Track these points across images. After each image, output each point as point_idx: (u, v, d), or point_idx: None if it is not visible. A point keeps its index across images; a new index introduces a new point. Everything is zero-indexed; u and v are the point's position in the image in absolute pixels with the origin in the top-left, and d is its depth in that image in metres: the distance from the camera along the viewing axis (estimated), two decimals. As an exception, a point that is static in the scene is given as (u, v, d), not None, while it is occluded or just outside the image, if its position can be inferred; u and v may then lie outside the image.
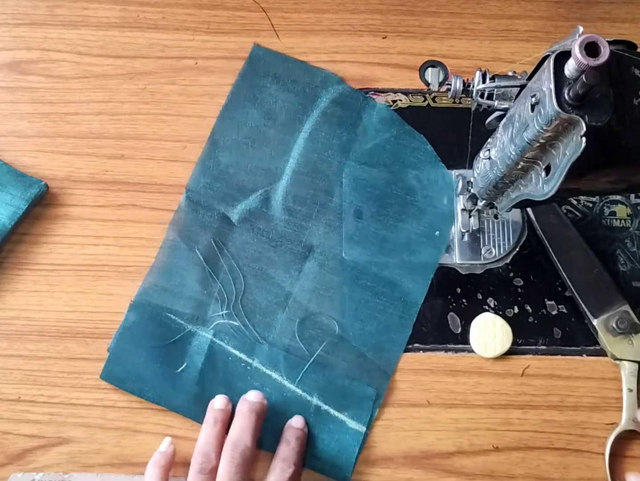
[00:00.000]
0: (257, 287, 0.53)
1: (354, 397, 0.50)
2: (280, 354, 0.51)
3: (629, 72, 0.34)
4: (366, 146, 0.56)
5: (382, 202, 0.55)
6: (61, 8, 0.60)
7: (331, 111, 0.57)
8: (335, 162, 0.56)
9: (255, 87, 0.57)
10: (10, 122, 0.57)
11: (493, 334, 0.52)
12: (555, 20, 0.61)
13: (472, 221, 0.53)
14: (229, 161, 0.56)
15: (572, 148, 0.34)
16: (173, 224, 0.54)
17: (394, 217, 0.55)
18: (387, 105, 0.57)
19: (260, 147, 0.56)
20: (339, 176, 0.55)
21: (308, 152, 0.56)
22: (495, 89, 0.43)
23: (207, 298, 0.53)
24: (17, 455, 0.50)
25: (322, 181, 0.55)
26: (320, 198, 0.55)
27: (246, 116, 0.57)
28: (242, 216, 0.54)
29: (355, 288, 0.53)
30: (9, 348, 0.52)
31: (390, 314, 0.53)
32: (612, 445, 0.49)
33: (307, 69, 0.58)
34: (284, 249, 0.54)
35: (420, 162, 0.56)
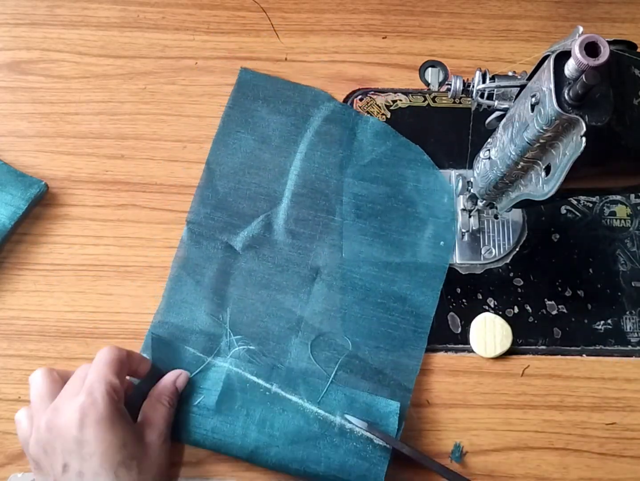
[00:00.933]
0: (267, 314, 0.52)
1: (378, 413, 0.49)
2: (298, 377, 0.50)
3: (629, 72, 0.34)
4: (363, 161, 0.56)
5: (384, 217, 0.55)
6: (61, 8, 0.60)
7: (325, 129, 0.57)
8: (334, 180, 0.55)
9: (246, 112, 0.57)
10: (10, 122, 0.57)
11: (493, 334, 0.52)
12: (555, 20, 0.61)
13: (472, 221, 0.53)
14: (227, 189, 0.55)
15: (572, 148, 0.34)
16: (177, 259, 0.53)
17: (397, 230, 0.54)
18: (379, 119, 0.57)
19: (257, 172, 0.56)
20: (338, 195, 0.55)
21: (305, 173, 0.55)
22: (495, 89, 0.43)
23: (218, 329, 0.52)
24: (17, 455, 0.50)
25: (323, 201, 0.55)
26: (322, 218, 0.54)
27: (240, 141, 0.56)
28: (246, 244, 0.54)
29: (366, 306, 0.52)
30: (9, 348, 0.52)
31: (403, 329, 0.52)
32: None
33: (296, 88, 0.58)
34: (291, 273, 0.53)
35: (418, 173, 0.56)
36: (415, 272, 0.53)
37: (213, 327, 0.52)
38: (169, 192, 0.56)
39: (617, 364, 0.52)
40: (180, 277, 0.53)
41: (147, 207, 0.55)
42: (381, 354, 0.51)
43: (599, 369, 0.52)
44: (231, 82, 0.58)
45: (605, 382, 0.52)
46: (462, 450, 0.50)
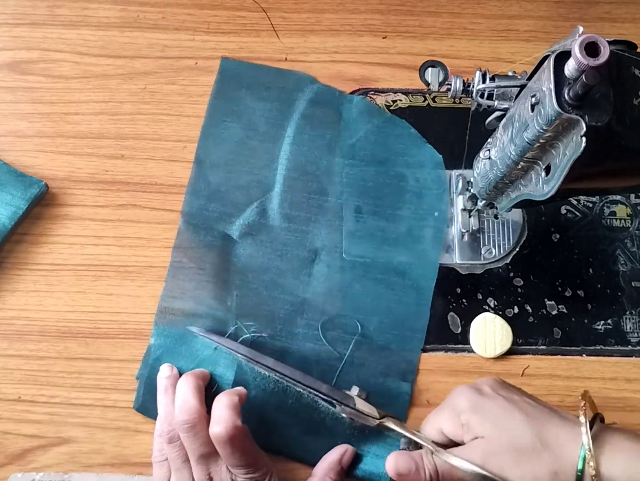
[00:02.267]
0: (271, 297, 0.53)
1: (390, 394, 0.50)
2: (310, 360, 0.51)
3: (629, 72, 0.34)
4: (351, 140, 0.56)
5: (377, 193, 0.55)
6: (61, 8, 0.60)
7: (310, 111, 0.57)
8: (324, 161, 0.56)
9: (231, 101, 0.57)
10: (10, 122, 0.57)
11: (493, 334, 0.52)
12: (555, 20, 0.61)
13: (472, 221, 0.53)
14: (218, 179, 0.55)
15: (572, 148, 0.34)
16: (177, 248, 0.54)
17: (392, 206, 0.55)
18: (363, 97, 0.57)
19: (247, 160, 0.56)
20: (330, 175, 0.55)
21: (295, 157, 0.56)
22: (495, 89, 0.43)
23: (225, 313, 0.52)
24: (17, 455, 0.50)
25: (315, 183, 0.55)
26: (315, 200, 0.55)
27: (227, 131, 0.56)
28: (243, 231, 0.54)
29: (367, 283, 0.53)
30: (9, 348, 0.52)
31: (406, 303, 0.53)
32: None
33: (278, 73, 0.58)
34: (290, 256, 0.54)
35: (406, 147, 0.56)
36: (413, 245, 0.54)
37: (220, 311, 0.52)
38: (169, 192, 0.56)
39: (617, 364, 0.52)
40: (181, 264, 0.53)
41: (147, 207, 0.55)
42: (385, 330, 0.52)
43: (599, 369, 0.52)
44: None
45: (606, 382, 0.52)
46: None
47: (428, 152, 0.56)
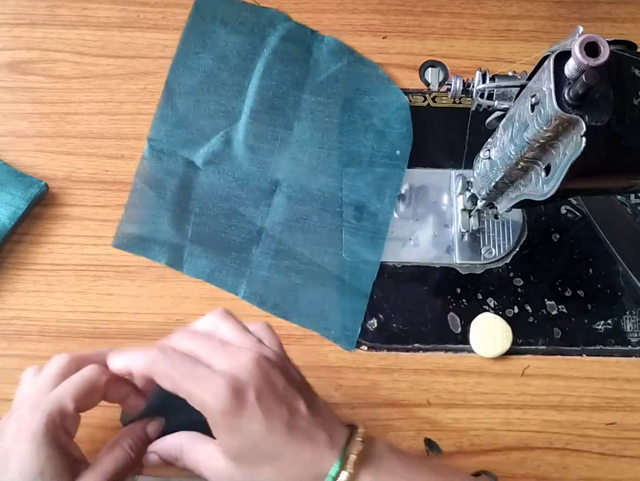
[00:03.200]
0: (229, 225, 0.54)
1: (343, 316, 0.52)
2: (261, 288, 0.53)
3: (629, 72, 0.34)
4: (319, 78, 0.58)
5: (341, 130, 0.56)
6: (61, 8, 0.60)
7: (281, 48, 0.58)
8: (291, 97, 0.57)
9: (204, 33, 0.59)
10: (10, 122, 0.57)
11: (493, 334, 0.52)
12: (555, 20, 0.61)
13: (472, 221, 0.54)
14: (186, 107, 0.57)
15: (572, 148, 0.34)
16: (139, 174, 0.55)
17: (355, 142, 0.56)
18: (334, 38, 0.58)
19: (216, 90, 0.57)
20: (296, 111, 0.57)
21: (263, 91, 0.57)
22: (495, 89, 0.43)
23: (181, 240, 0.54)
24: (17, 455, 0.49)
25: (280, 117, 0.57)
26: (280, 134, 0.56)
27: (198, 62, 0.58)
28: (206, 159, 0.55)
29: (325, 215, 0.54)
30: (9, 348, 0.52)
31: (362, 236, 0.54)
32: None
33: (253, 9, 0.59)
34: (251, 186, 0.55)
35: (373, 88, 0.57)
36: (373, 181, 0.55)
37: (176, 238, 0.54)
38: (169, 192, 0.56)
39: (617, 364, 0.52)
40: (142, 190, 0.55)
41: (147, 207, 0.55)
42: (340, 261, 0.53)
43: (599, 369, 0.52)
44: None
45: (605, 382, 0.52)
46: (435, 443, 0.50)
47: (394, 93, 0.57)
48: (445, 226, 0.55)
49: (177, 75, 0.58)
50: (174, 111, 0.56)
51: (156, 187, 0.55)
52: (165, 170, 0.55)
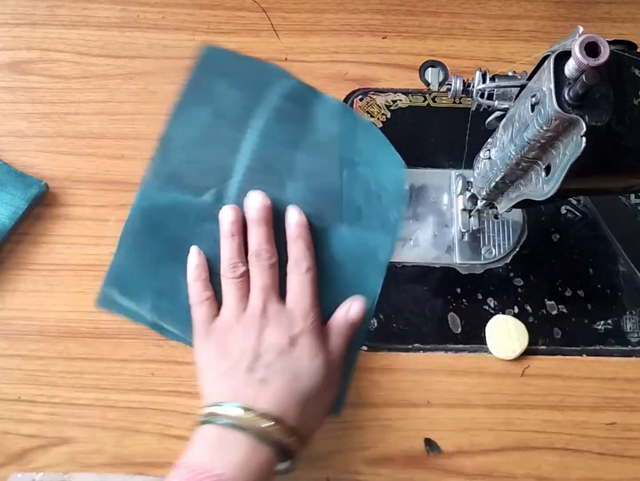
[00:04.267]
0: (216, 283, 0.50)
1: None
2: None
3: (629, 72, 0.34)
4: (317, 138, 0.56)
5: (334, 191, 0.54)
6: (61, 8, 0.60)
7: (281, 106, 0.56)
8: (286, 157, 0.55)
9: (206, 87, 0.56)
10: (10, 122, 0.57)
11: (509, 336, 0.52)
12: (555, 20, 0.61)
13: (472, 221, 0.54)
14: (180, 162, 0.54)
15: (572, 148, 0.34)
16: (127, 231, 0.51)
17: (348, 205, 0.53)
18: (337, 99, 0.56)
19: (211, 146, 0.55)
20: (291, 170, 0.54)
21: (259, 148, 0.55)
22: (495, 89, 0.43)
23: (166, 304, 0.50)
24: (17, 455, 0.50)
25: (275, 176, 0.54)
26: (273, 192, 0.53)
27: (197, 115, 0.55)
28: (198, 216, 0.52)
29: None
30: (9, 348, 0.52)
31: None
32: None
33: (256, 64, 0.57)
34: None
35: (371, 150, 0.55)
36: (360, 252, 0.52)
37: (160, 303, 0.50)
38: (169, 192, 0.56)
39: (617, 364, 0.52)
40: (130, 247, 0.51)
41: (147, 207, 0.55)
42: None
43: (599, 369, 0.52)
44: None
45: (606, 382, 0.52)
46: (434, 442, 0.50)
47: (391, 155, 0.54)
48: (445, 226, 0.55)
49: (174, 128, 0.55)
50: (167, 165, 0.53)
51: (143, 246, 0.51)
52: (155, 226, 0.52)
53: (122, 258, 0.50)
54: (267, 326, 0.45)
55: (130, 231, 0.51)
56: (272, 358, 0.43)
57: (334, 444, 0.50)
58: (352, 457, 0.50)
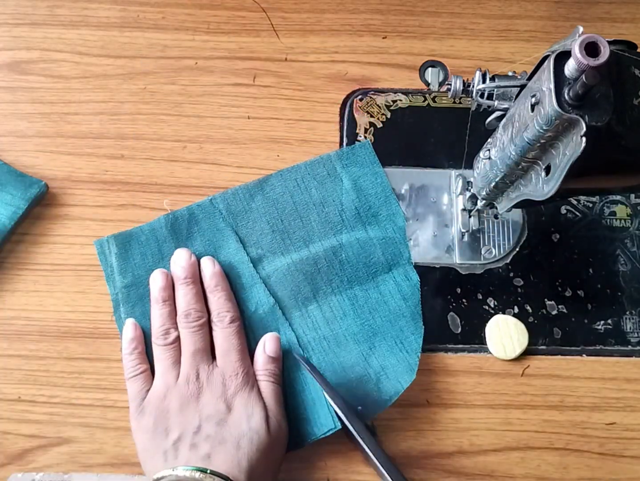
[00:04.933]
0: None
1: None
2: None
3: (629, 72, 0.34)
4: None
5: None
6: (61, 8, 0.60)
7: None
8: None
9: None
10: (10, 122, 0.57)
11: (509, 336, 0.52)
12: (555, 20, 0.61)
13: (472, 221, 0.54)
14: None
15: (572, 148, 0.34)
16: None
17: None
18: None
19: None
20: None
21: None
22: (495, 89, 0.43)
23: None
24: (17, 455, 0.50)
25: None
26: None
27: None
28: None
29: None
30: (9, 348, 0.52)
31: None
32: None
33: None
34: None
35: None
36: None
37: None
38: (169, 192, 0.56)
39: (617, 364, 0.52)
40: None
41: (147, 207, 0.55)
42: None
43: (599, 369, 0.52)
44: (231, 82, 0.58)
45: (605, 382, 0.52)
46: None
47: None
48: (445, 226, 0.55)
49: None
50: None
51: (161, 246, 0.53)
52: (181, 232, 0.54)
53: (142, 232, 0.53)
54: (202, 394, 0.45)
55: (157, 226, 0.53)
56: (211, 430, 0.44)
57: (335, 444, 0.50)
58: (352, 457, 0.50)
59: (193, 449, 0.43)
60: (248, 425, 0.44)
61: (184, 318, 0.48)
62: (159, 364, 0.48)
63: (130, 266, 0.52)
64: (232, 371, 0.46)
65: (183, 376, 0.46)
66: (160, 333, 0.48)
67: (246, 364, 0.47)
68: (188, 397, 0.45)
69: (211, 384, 0.46)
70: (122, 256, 0.52)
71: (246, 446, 0.43)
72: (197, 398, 0.45)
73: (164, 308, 0.49)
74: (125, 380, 0.48)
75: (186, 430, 0.44)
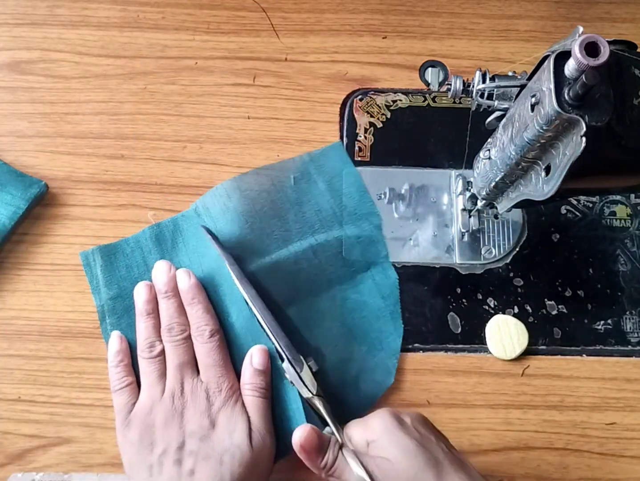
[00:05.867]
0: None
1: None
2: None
3: (629, 72, 0.34)
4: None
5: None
6: (61, 8, 0.60)
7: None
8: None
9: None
10: (10, 122, 0.57)
11: (509, 336, 0.52)
12: (555, 20, 0.61)
13: (472, 221, 0.54)
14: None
15: (572, 148, 0.34)
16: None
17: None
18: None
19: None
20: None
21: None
22: (495, 89, 0.43)
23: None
24: (17, 455, 0.50)
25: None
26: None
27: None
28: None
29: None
30: (9, 348, 0.52)
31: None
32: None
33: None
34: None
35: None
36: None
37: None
38: (169, 192, 0.56)
39: (617, 364, 0.52)
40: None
41: (147, 207, 0.55)
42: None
43: (599, 369, 0.52)
44: (231, 82, 0.58)
45: (605, 382, 0.52)
46: None
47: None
48: (445, 226, 0.55)
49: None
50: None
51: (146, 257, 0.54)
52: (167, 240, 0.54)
53: (127, 244, 0.53)
54: (186, 409, 0.46)
55: (142, 237, 0.54)
56: (195, 446, 0.44)
57: (334, 444, 0.50)
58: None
59: (177, 464, 0.43)
60: (230, 441, 0.44)
61: (167, 332, 0.48)
62: (144, 378, 0.48)
63: (115, 278, 0.52)
64: (215, 387, 0.46)
65: (168, 391, 0.46)
66: (145, 346, 0.48)
67: (229, 378, 0.47)
68: (173, 412, 0.45)
69: (196, 399, 0.46)
70: (107, 267, 0.52)
71: (229, 461, 0.43)
72: (181, 413, 0.45)
73: (148, 321, 0.49)
74: (111, 392, 0.48)
75: (170, 445, 0.44)
